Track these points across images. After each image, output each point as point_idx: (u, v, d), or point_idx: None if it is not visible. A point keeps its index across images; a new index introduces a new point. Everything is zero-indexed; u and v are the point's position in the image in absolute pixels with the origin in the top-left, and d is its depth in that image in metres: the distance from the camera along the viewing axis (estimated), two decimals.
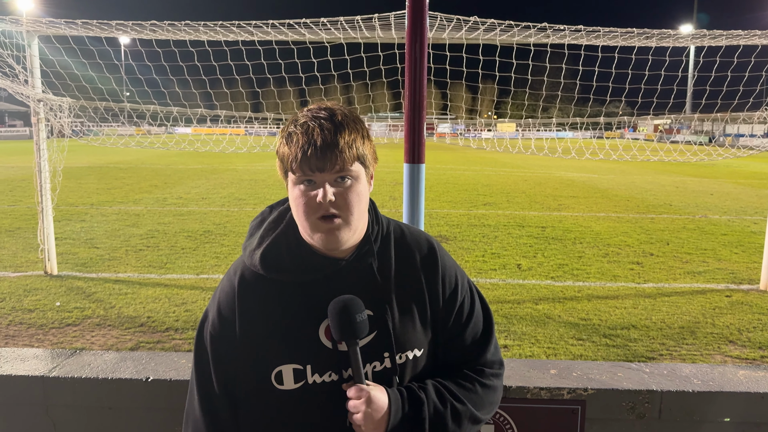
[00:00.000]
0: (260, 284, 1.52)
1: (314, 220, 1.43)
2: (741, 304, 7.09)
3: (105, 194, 16.12)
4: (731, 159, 19.41)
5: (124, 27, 6.49)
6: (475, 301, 1.66)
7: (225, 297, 1.55)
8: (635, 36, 6.75)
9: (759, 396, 2.34)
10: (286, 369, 1.48)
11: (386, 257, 1.57)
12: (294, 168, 1.42)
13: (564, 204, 15.63)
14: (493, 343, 1.66)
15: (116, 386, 2.51)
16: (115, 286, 7.38)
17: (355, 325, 1.42)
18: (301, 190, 1.43)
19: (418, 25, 3.14)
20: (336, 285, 1.50)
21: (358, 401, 1.42)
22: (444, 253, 1.65)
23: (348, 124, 1.44)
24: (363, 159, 1.47)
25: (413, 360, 1.56)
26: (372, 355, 1.51)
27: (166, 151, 31.29)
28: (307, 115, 1.45)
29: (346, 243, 1.47)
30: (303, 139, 1.40)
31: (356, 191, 1.45)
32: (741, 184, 22.06)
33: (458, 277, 1.64)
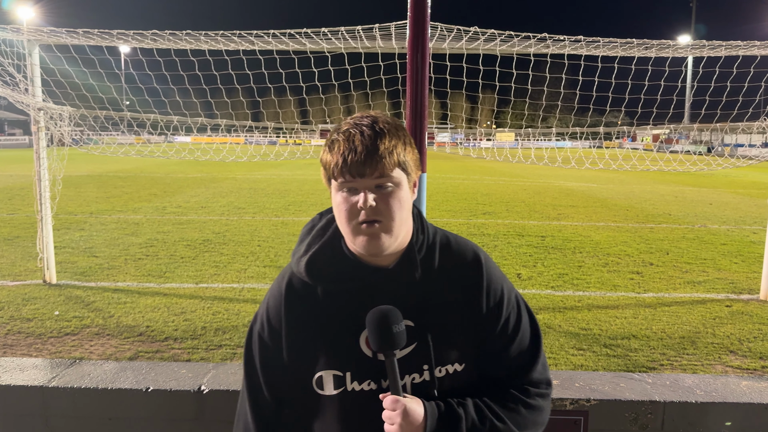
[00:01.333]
0: (305, 291, 1.55)
1: (355, 226, 1.44)
2: (741, 314, 7.08)
3: (104, 203, 16.12)
4: (730, 169, 19.45)
5: (126, 36, 6.51)
6: (522, 316, 1.61)
7: (273, 302, 1.59)
8: (635, 47, 6.78)
9: (762, 407, 2.33)
10: (327, 375, 1.51)
11: (430, 267, 1.55)
12: (336, 174, 1.45)
13: (563, 213, 15.63)
14: (541, 361, 1.61)
15: (116, 396, 2.50)
16: (114, 295, 7.36)
17: (392, 336, 1.42)
18: (343, 196, 1.46)
19: (419, 35, 3.15)
20: (378, 294, 1.51)
21: (394, 413, 1.41)
22: (491, 265, 1.61)
23: (389, 131, 1.45)
24: (404, 166, 1.47)
25: (453, 374, 1.53)
26: (411, 366, 1.50)
27: (165, 160, 31.34)
28: (349, 123, 1.47)
29: (387, 249, 1.46)
30: (344, 146, 1.43)
31: (397, 197, 1.45)
32: (740, 193, 22.08)
33: (504, 291, 1.59)
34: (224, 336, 6.00)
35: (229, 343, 5.82)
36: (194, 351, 5.60)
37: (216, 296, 7.39)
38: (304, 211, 15.12)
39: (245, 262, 9.25)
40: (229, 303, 7.11)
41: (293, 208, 15.67)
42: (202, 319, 6.48)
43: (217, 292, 7.60)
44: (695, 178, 28.06)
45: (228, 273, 8.54)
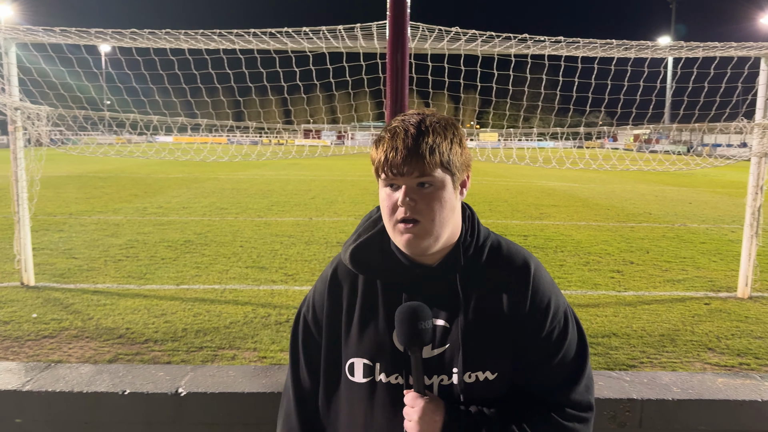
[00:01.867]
0: (349, 278, 1.59)
1: (394, 223, 1.45)
2: (719, 311, 7.17)
3: (84, 204, 15.93)
4: (709, 168, 19.71)
5: (104, 35, 6.44)
6: (568, 332, 1.53)
7: (320, 285, 1.65)
8: (614, 47, 6.84)
9: (738, 403, 2.36)
10: (358, 362, 1.53)
11: (474, 270, 1.53)
12: (379, 171, 1.46)
13: (545, 213, 15.73)
14: (583, 382, 1.52)
15: (92, 400, 2.46)
16: (94, 297, 7.27)
17: (417, 332, 1.41)
18: (387, 192, 1.47)
19: (399, 35, 3.15)
20: (418, 291, 1.51)
21: (412, 410, 1.41)
22: (541, 274, 1.55)
23: (434, 130, 1.44)
24: (448, 166, 1.45)
25: (484, 382, 1.48)
26: (440, 368, 1.49)
27: (146, 160, 31.02)
28: (398, 120, 1.48)
29: (427, 249, 1.46)
30: (388, 143, 1.43)
31: (438, 198, 1.44)
32: (719, 193, 22.38)
33: (551, 303, 1.52)
34: (205, 338, 5.95)
35: (210, 344, 5.77)
36: (175, 353, 5.55)
37: (197, 298, 7.33)
38: (287, 212, 15.06)
39: (227, 263, 9.19)
40: (211, 304, 7.05)
41: (276, 209, 15.60)
42: (183, 321, 6.42)
43: (198, 293, 7.54)
44: (675, 178, 28.39)
45: (209, 274, 8.48)
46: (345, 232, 12.20)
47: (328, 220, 13.79)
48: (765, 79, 7.29)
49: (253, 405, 2.44)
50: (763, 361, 5.68)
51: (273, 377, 2.56)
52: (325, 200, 17.78)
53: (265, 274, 8.58)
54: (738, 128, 7.43)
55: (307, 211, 15.41)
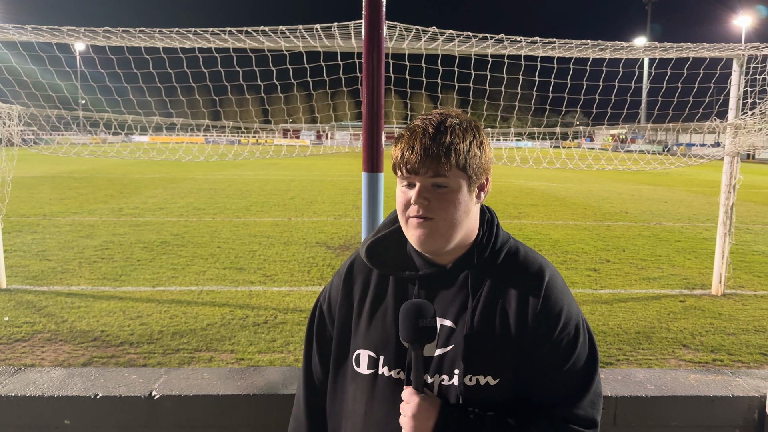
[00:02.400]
0: (364, 272, 1.62)
1: (407, 218, 1.47)
2: (694, 308, 7.27)
3: (58, 204, 15.67)
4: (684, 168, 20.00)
5: (76, 33, 6.33)
6: (578, 345, 1.48)
7: (338, 276, 1.68)
8: (590, 48, 6.90)
9: (709, 399, 2.39)
10: (364, 354, 1.56)
11: (487, 273, 1.52)
12: (396, 168, 1.47)
13: (524, 212, 15.85)
14: (589, 398, 1.47)
15: (63, 404, 2.42)
16: (68, 299, 7.16)
17: (418, 329, 1.41)
18: (402, 189, 1.49)
19: (375, 35, 3.14)
20: (429, 289, 1.52)
21: (407, 405, 1.42)
22: (555, 283, 1.51)
23: (453, 131, 1.43)
24: (465, 167, 1.44)
25: (485, 387, 1.45)
26: (442, 367, 1.48)
27: (122, 160, 30.66)
28: (420, 119, 1.48)
29: (439, 248, 1.48)
30: (407, 141, 1.44)
31: (452, 200, 1.44)
32: (694, 191, 22.74)
33: (563, 312, 1.47)
34: (182, 340, 5.88)
35: (187, 347, 5.71)
36: (150, 356, 5.48)
37: (173, 299, 7.25)
38: (266, 212, 14.98)
39: (204, 264, 9.11)
40: (187, 306, 6.98)
41: (255, 209, 15.51)
42: (159, 323, 6.35)
43: (174, 295, 7.46)
44: (651, 177, 28.78)
45: (186, 275, 8.39)
46: (324, 232, 12.17)
47: (307, 221, 13.73)
48: (737, 79, 7.42)
49: (229, 407, 2.42)
50: (735, 357, 5.78)
51: (248, 379, 2.53)
52: (305, 200, 17.71)
53: (243, 275, 8.52)
54: (711, 128, 7.55)
55: (286, 211, 15.33)
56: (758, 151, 56.82)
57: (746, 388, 2.44)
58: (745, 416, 2.39)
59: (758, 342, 6.17)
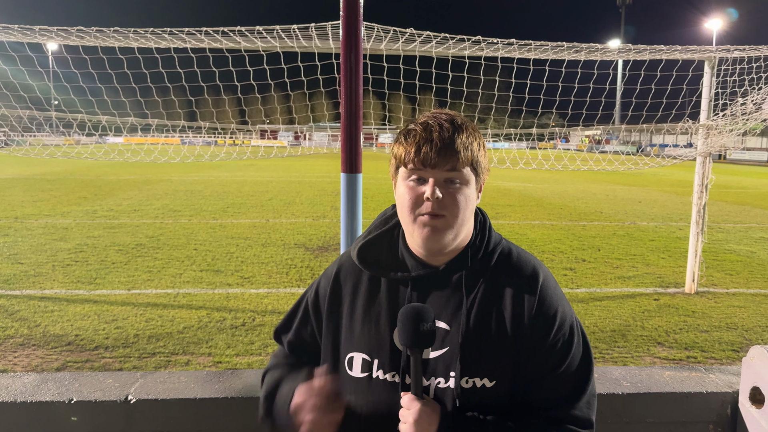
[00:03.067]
0: (355, 274, 1.60)
1: (416, 216, 1.43)
2: (668, 306, 7.39)
3: (31, 207, 15.39)
4: (657, 168, 20.35)
5: (48, 32, 6.22)
6: (573, 346, 1.48)
7: (326, 276, 1.66)
8: (565, 50, 6.98)
9: (683, 396, 2.42)
10: (357, 357, 1.54)
11: (481, 274, 1.51)
12: (407, 162, 1.44)
13: (501, 212, 15.96)
14: (585, 399, 1.48)
15: (36, 410, 2.37)
16: (41, 303, 7.03)
17: (418, 334, 1.39)
18: (409, 185, 1.45)
19: (352, 35, 3.14)
20: (423, 291, 1.51)
21: (408, 412, 1.40)
22: (549, 285, 1.51)
23: (467, 128, 1.45)
24: (476, 165, 1.47)
25: (481, 389, 1.45)
26: (438, 370, 1.47)
27: (96, 162, 30.21)
28: (428, 116, 1.47)
29: (447, 246, 1.46)
30: (422, 135, 1.42)
31: (464, 195, 1.44)
32: (667, 191, 23.11)
33: (558, 315, 1.48)
34: (158, 343, 5.82)
35: (163, 350, 5.64)
36: (126, 360, 5.41)
37: (149, 302, 7.16)
38: (243, 214, 14.87)
39: (180, 266, 9.01)
40: (163, 309, 6.90)
41: (232, 211, 15.39)
42: (135, 327, 6.26)
43: (150, 298, 7.37)
44: (626, 177, 29.18)
45: (162, 278, 8.30)
46: (303, 233, 12.12)
47: (285, 222, 13.67)
48: (708, 81, 7.56)
49: (206, 411, 2.39)
50: (708, 353, 5.88)
51: (226, 382, 2.51)
52: (283, 201, 17.63)
53: (220, 277, 8.45)
54: (684, 129, 7.68)
55: (264, 212, 15.24)
56: (729, 151, 57.98)
57: (719, 384, 2.48)
58: (719, 412, 2.43)
59: (730, 339, 6.29)
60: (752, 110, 7.08)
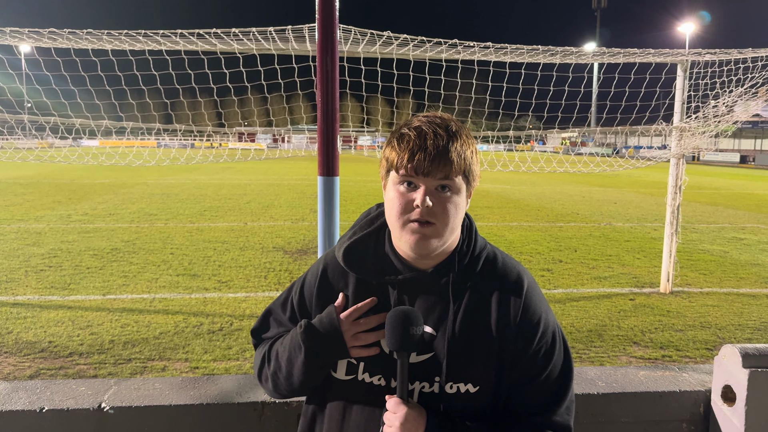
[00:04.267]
0: (340, 276, 1.58)
1: (405, 222, 1.42)
2: (644, 306, 7.49)
3: (3, 212, 15.09)
4: (632, 169, 20.63)
5: (20, 34, 6.11)
6: (555, 353, 1.51)
7: (309, 279, 1.64)
8: (540, 53, 7.04)
9: (657, 395, 2.45)
10: (342, 359, 1.53)
11: (467, 280, 1.50)
12: (399, 167, 1.41)
13: (479, 214, 16.04)
14: (565, 405, 1.51)
15: (6, 419, 2.32)
16: (13, 309, 6.89)
17: (407, 337, 1.39)
18: (400, 190, 1.43)
19: (328, 38, 3.13)
20: (409, 295, 1.49)
21: (394, 415, 1.39)
22: (534, 291, 1.53)
23: (461, 136, 1.43)
24: (468, 173, 1.45)
25: (465, 395, 1.46)
26: (423, 374, 1.47)
27: (70, 165, 29.75)
28: (422, 120, 1.44)
29: (433, 252, 1.44)
30: (415, 141, 1.39)
31: (454, 203, 1.43)
32: (642, 193, 23.43)
33: (542, 322, 1.50)
34: (134, 349, 5.74)
35: (139, 356, 5.57)
36: (101, 366, 5.33)
37: (125, 308, 7.07)
38: (221, 217, 14.76)
39: (156, 271, 8.91)
40: (139, 314, 6.81)
41: (209, 214, 15.26)
42: (110, 332, 6.18)
43: (126, 303, 7.27)
44: (601, 179, 29.52)
45: (138, 283, 8.19)
46: (282, 236, 12.06)
47: (264, 225, 13.58)
48: (681, 84, 7.68)
49: (182, 418, 2.36)
50: (683, 352, 5.97)
51: (202, 389, 2.48)
52: (261, 204, 17.53)
53: (197, 281, 8.37)
54: (658, 131, 7.79)
55: (242, 215, 15.14)
56: (702, 153, 58.99)
57: (692, 383, 2.52)
58: (692, 410, 2.46)
59: (704, 337, 6.39)
60: (724, 112, 7.22)
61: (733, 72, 7.23)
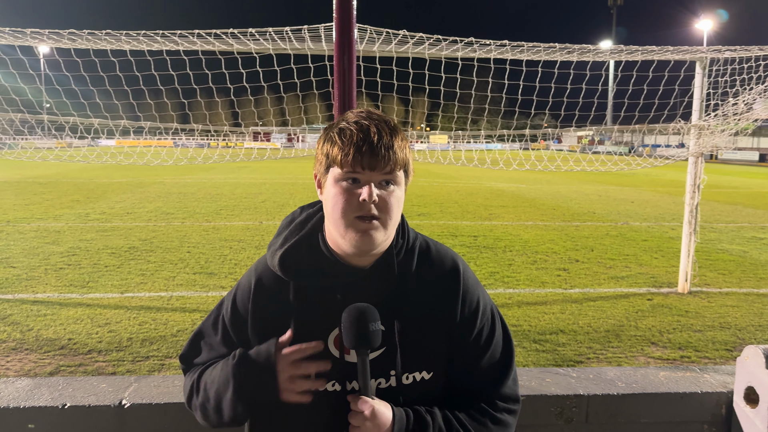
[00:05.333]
0: (277, 285, 1.51)
1: (352, 219, 1.39)
2: (661, 306, 7.41)
3: (23, 210, 15.30)
4: (649, 168, 20.47)
5: (40, 35, 6.19)
6: (495, 329, 1.58)
7: (241, 294, 1.56)
8: (557, 51, 6.99)
9: (678, 396, 2.43)
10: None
11: (407, 271, 1.51)
12: (342, 163, 1.39)
13: (494, 213, 15.98)
14: (512, 376, 1.58)
15: (30, 415, 2.36)
16: (33, 307, 6.99)
17: (368, 334, 1.38)
18: (343, 187, 1.40)
19: (346, 37, 3.13)
20: (352, 295, 1.46)
21: (361, 414, 1.37)
22: (469, 274, 1.58)
23: (400, 131, 1.44)
24: (407, 168, 1.47)
25: (421, 382, 1.50)
26: (378, 371, 1.47)
27: (88, 165, 30.07)
28: (360, 115, 1.43)
29: (378, 247, 1.43)
30: (359, 135, 1.38)
31: (397, 197, 1.43)
32: (659, 192, 23.20)
33: (480, 302, 1.56)
34: (151, 347, 5.79)
35: (157, 354, 5.62)
36: (120, 363, 5.38)
37: (142, 306, 7.13)
38: (236, 216, 14.84)
39: (174, 269, 8.98)
40: (157, 312, 6.87)
41: (225, 213, 15.35)
42: (128, 330, 6.24)
43: (143, 301, 7.34)
44: (618, 178, 29.28)
45: (155, 281, 8.26)
46: None
47: (278, 224, 13.62)
48: (700, 81, 7.60)
49: None
50: (702, 353, 5.90)
51: None
52: (276, 203, 17.60)
53: (213, 280, 8.42)
54: (676, 129, 7.71)
55: (258, 214, 15.21)
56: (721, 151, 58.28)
57: (714, 384, 2.49)
58: (713, 412, 2.44)
59: (724, 338, 6.32)
60: (744, 110, 7.12)
61: (753, 69, 7.13)
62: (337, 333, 1.47)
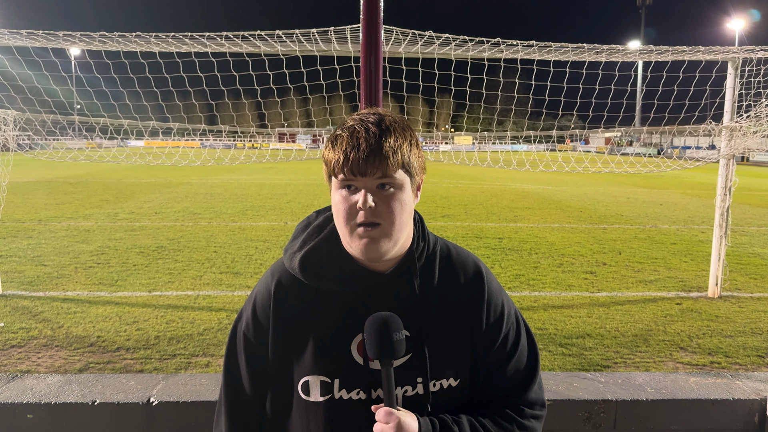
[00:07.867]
0: (297, 289, 1.48)
1: (352, 227, 1.37)
2: (691, 311, 7.28)
3: (53, 209, 15.62)
4: (679, 170, 20.13)
5: (72, 38, 6.31)
6: (521, 334, 1.56)
7: (261, 300, 1.52)
8: (585, 51, 6.92)
9: (710, 403, 2.38)
10: (314, 380, 1.45)
11: (429, 276, 1.49)
12: (336, 171, 1.38)
13: (520, 215, 15.85)
14: (537, 381, 1.56)
15: (60, 411, 2.40)
16: (64, 304, 7.12)
17: (392, 344, 1.35)
18: (343, 195, 1.39)
19: (372, 39, 3.14)
20: (374, 299, 1.44)
21: (386, 425, 1.33)
22: (492, 279, 1.56)
23: (395, 130, 1.39)
24: (408, 167, 1.40)
25: (448, 389, 1.47)
26: (404, 378, 1.44)
27: (117, 165, 30.57)
28: (355, 119, 1.41)
29: (386, 254, 1.40)
30: (348, 142, 1.36)
31: (399, 200, 1.39)
32: (689, 194, 22.80)
33: (505, 307, 1.54)
34: (178, 345, 5.86)
35: (184, 352, 5.68)
36: (147, 361, 5.45)
37: (170, 304, 7.22)
38: (262, 216, 14.95)
39: (201, 268, 9.08)
40: (184, 311, 6.95)
41: (251, 213, 15.48)
42: (156, 329, 6.32)
43: (171, 300, 7.43)
44: (646, 180, 28.85)
45: (183, 280, 8.36)
46: None
47: None
48: (732, 82, 7.44)
49: None
50: (733, 359, 5.78)
51: None
52: (301, 204, 17.70)
53: (239, 279, 8.49)
54: (706, 131, 7.57)
55: (283, 215, 15.31)
56: (752, 153, 57.06)
57: (746, 391, 2.44)
58: (746, 419, 2.38)
59: (755, 344, 6.18)
60: None
61: None
62: (360, 339, 1.43)
